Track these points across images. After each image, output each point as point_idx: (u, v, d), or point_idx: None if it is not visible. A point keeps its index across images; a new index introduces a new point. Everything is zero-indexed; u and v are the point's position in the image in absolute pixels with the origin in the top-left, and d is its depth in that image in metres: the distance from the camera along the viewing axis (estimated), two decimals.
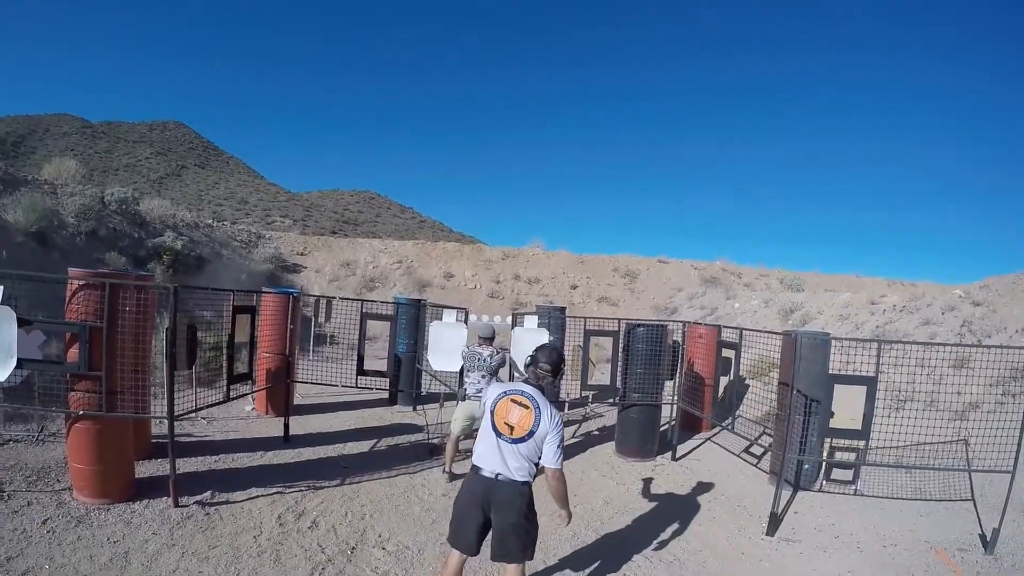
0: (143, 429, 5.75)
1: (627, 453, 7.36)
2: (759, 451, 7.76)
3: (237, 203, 61.70)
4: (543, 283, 20.30)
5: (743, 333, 6.99)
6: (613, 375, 7.54)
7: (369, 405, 9.02)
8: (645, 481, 6.57)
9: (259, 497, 5.17)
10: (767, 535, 5.27)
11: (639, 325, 7.29)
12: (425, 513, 5.22)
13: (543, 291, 19.80)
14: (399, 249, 21.11)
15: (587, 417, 9.44)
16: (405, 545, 4.57)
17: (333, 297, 7.95)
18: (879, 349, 5.51)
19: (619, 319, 7.70)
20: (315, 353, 11.48)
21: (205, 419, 7.32)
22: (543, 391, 3.38)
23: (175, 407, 4.82)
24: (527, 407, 3.24)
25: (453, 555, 3.41)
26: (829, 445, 6.15)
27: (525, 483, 3.26)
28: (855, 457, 6.00)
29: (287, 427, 6.93)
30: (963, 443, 6.74)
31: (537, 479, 3.37)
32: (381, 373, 7.63)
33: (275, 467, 6.05)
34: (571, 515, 3.52)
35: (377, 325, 7.97)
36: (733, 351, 7.01)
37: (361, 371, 7.28)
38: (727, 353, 7.26)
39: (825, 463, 6.32)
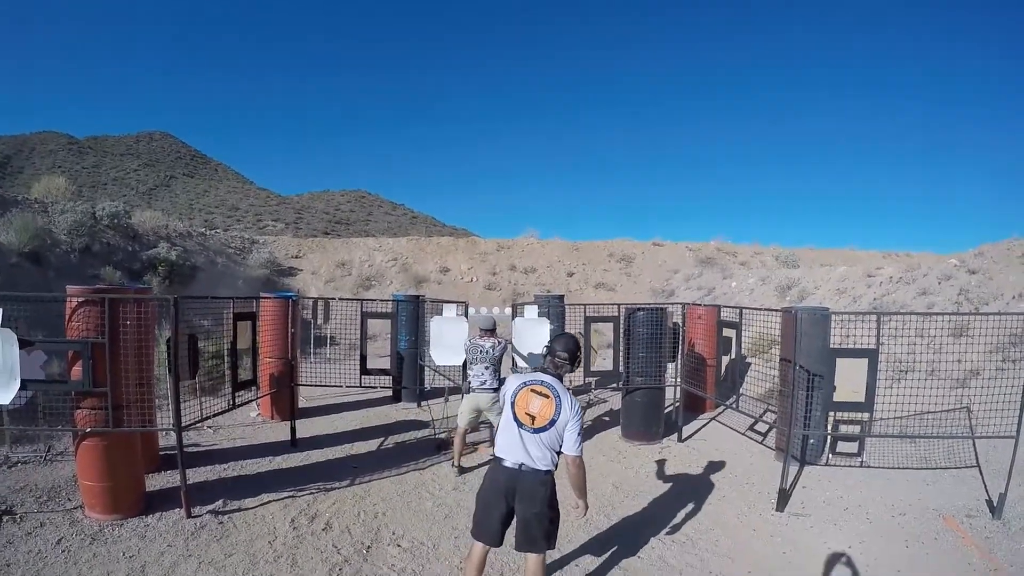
0: (150, 442, 5.76)
1: (633, 437, 7.40)
2: (764, 428, 7.80)
3: (228, 210, 61.50)
4: (539, 272, 20.30)
5: (743, 312, 7.01)
6: (615, 360, 7.57)
7: (373, 404, 9.04)
8: (653, 464, 6.60)
9: (271, 502, 5.19)
10: (777, 511, 5.31)
11: (639, 309, 7.31)
12: (437, 508, 5.24)
13: (539, 280, 19.80)
14: (393, 246, 21.08)
15: (591, 403, 9.49)
16: (420, 541, 4.60)
17: (332, 298, 7.94)
18: (879, 321, 5.54)
19: (618, 304, 7.71)
20: (315, 355, 11.49)
21: (212, 428, 7.33)
22: (562, 380, 3.41)
23: (181, 417, 4.82)
24: (547, 396, 3.27)
25: (476, 547, 3.43)
26: (833, 419, 6.19)
27: (548, 472, 3.28)
28: (859, 429, 6.04)
29: (294, 431, 6.94)
30: (965, 411, 6.79)
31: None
32: (385, 371, 7.66)
33: (285, 471, 6.07)
34: (587, 505, 3.53)
35: (376, 324, 7.99)
36: (733, 330, 7.04)
37: (365, 370, 7.29)
38: (727, 333, 7.30)
39: (830, 437, 6.36)
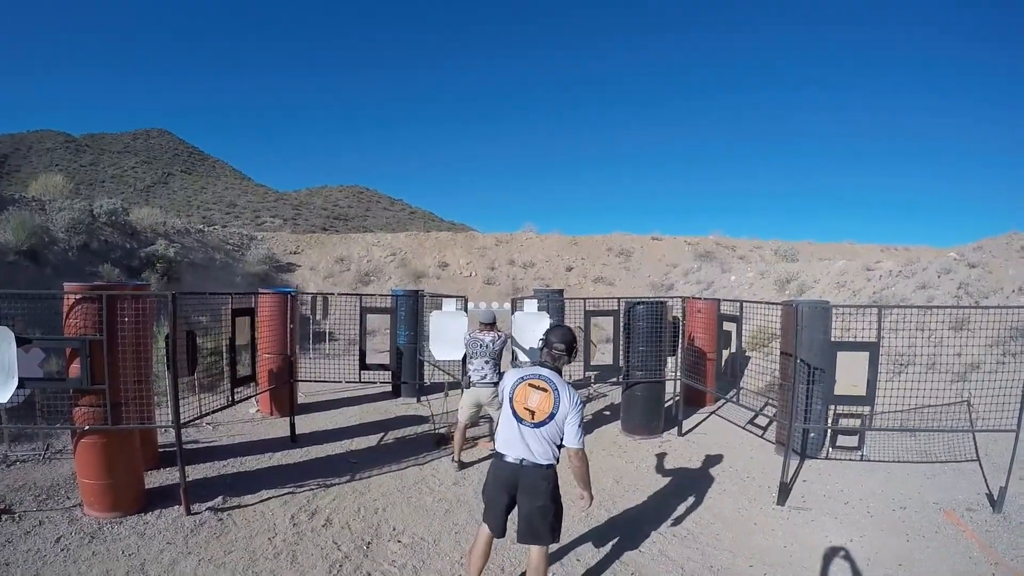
0: (149, 439, 5.75)
1: (633, 431, 7.39)
2: (764, 422, 7.81)
3: (226, 206, 61.42)
4: (538, 267, 20.29)
5: (743, 305, 7.00)
6: (615, 354, 7.56)
7: (373, 399, 9.03)
8: (653, 458, 6.60)
9: (271, 499, 5.18)
10: (778, 504, 5.31)
11: (639, 303, 7.29)
12: (438, 504, 5.23)
13: (538, 275, 19.79)
14: (392, 242, 21.04)
15: (591, 398, 9.48)
16: (420, 537, 4.59)
17: (330, 293, 7.92)
18: (880, 314, 5.52)
19: (617, 298, 7.70)
20: (314, 351, 11.47)
21: (211, 424, 7.31)
22: (560, 372, 3.41)
23: (180, 414, 4.80)
24: (546, 390, 3.26)
25: (484, 528, 3.49)
26: (833, 412, 6.19)
27: (550, 466, 3.29)
28: (860, 423, 6.03)
29: (293, 427, 6.93)
30: (966, 404, 6.79)
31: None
32: (384, 366, 7.63)
33: (284, 467, 6.05)
34: (592, 496, 3.54)
35: (375, 319, 7.96)
36: (733, 324, 7.02)
37: (364, 365, 7.28)
38: (727, 326, 7.28)
39: (830, 430, 6.35)
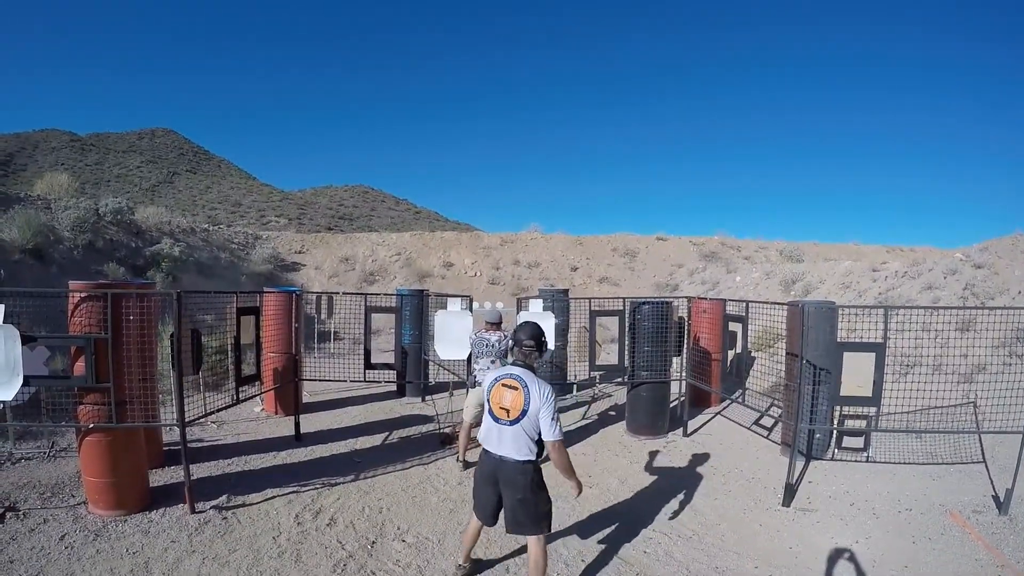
0: (154, 438, 5.75)
1: (638, 431, 7.37)
2: (769, 422, 7.78)
3: (231, 206, 61.54)
4: (543, 266, 20.27)
5: (748, 306, 6.97)
6: (621, 354, 7.54)
7: (377, 399, 9.03)
8: (658, 458, 6.58)
9: (275, 498, 5.18)
10: (783, 506, 5.29)
11: (644, 303, 7.28)
12: (442, 503, 5.23)
13: (543, 274, 19.78)
14: (397, 241, 21.06)
15: (596, 398, 9.47)
16: (425, 536, 4.58)
17: (335, 293, 7.93)
18: (886, 315, 5.49)
19: (622, 298, 7.68)
20: (319, 350, 11.49)
21: (215, 423, 7.33)
22: (533, 369, 3.52)
23: (185, 413, 4.80)
24: (517, 388, 3.38)
25: (474, 520, 3.74)
26: (839, 413, 6.16)
27: (527, 462, 3.40)
28: (866, 424, 6.00)
29: (298, 426, 6.93)
30: (972, 406, 6.75)
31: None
32: (389, 366, 7.64)
33: (289, 466, 6.05)
34: (580, 485, 3.62)
35: (379, 318, 7.97)
36: (739, 324, 6.99)
37: (369, 365, 7.28)
38: (733, 327, 7.26)
39: (836, 431, 6.32)
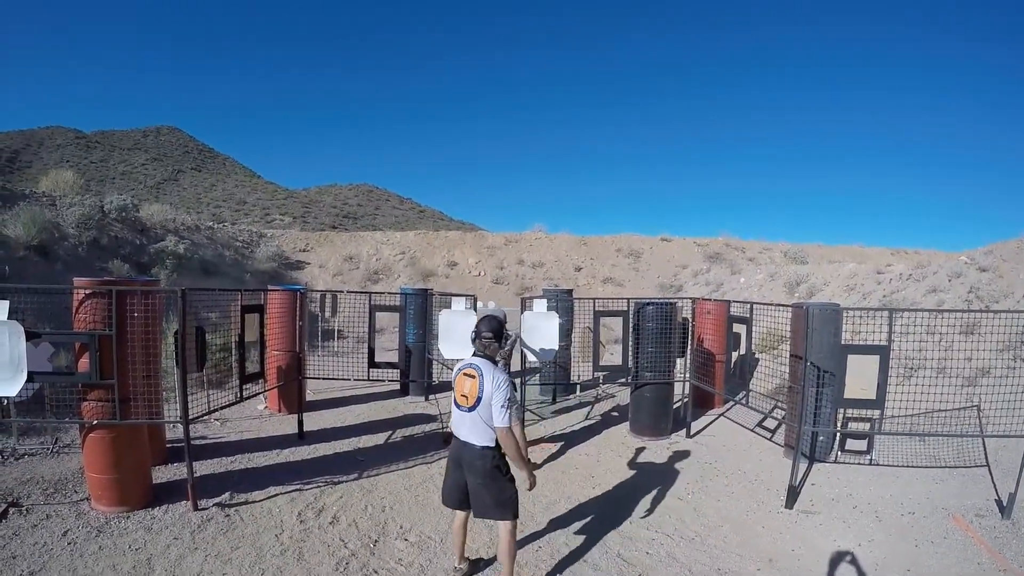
0: (157, 434, 5.76)
1: (642, 432, 7.37)
2: (772, 424, 7.76)
3: (236, 204, 61.66)
4: (547, 266, 20.28)
5: (753, 307, 6.96)
6: (624, 355, 7.53)
7: (381, 397, 9.04)
8: (661, 459, 6.58)
9: (278, 495, 5.19)
10: (786, 508, 5.28)
11: (648, 303, 7.27)
12: None
13: (547, 274, 19.78)
14: (401, 240, 21.09)
15: (599, 398, 9.46)
16: (427, 535, 4.58)
17: (339, 291, 7.93)
18: (890, 318, 5.48)
19: (627, 299, 7.68)
20: (323, 348, 11.50)
21: (219, 421, 7.34)
22: (493, 360, 3.69)
23: (188, 410, 4.81)
24: (474, 377, 3.55)
25: (458, 515, 3.86)
26: (843, 416, 6.15)
27: (486, 447, 3.54)
28: (869, 427, 5.99)
29: (301, 424, 6.94)
30: (975, 409, 6.73)
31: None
32: (393, 364, 7.64)
33: (292, 464, 6.07)
34: (533, 477, 3.77)
35: (383, 317, 7.97)
36: (743, 326, 6.98)
37: (373, 363, 7.29)
38: (737, 328, 7.24)
39: (839, 434, 6.31)
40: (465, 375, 3.60)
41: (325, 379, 7.99)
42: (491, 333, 3.66)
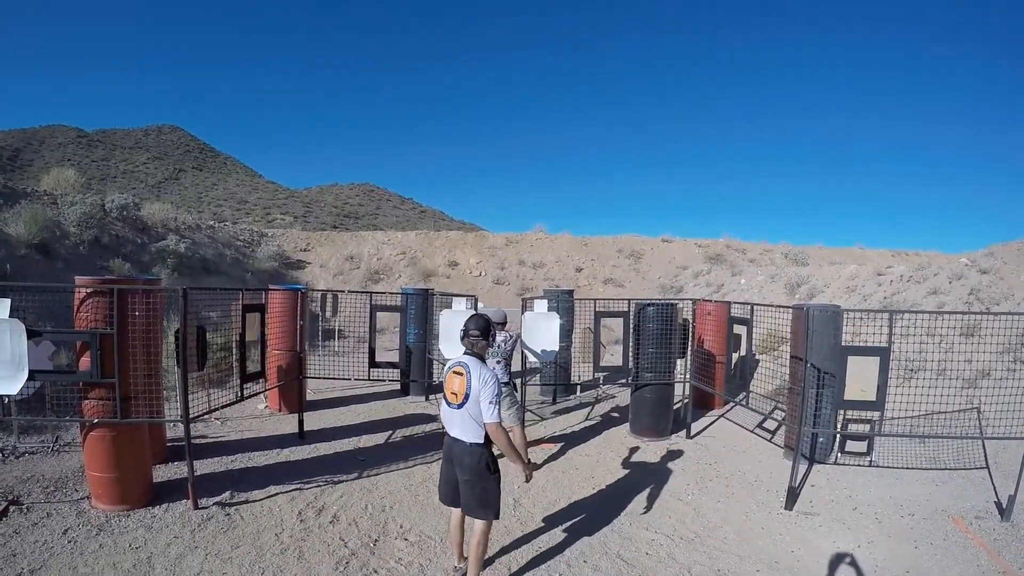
0: (158, 433, 5.77)
1: (642, 433, 7.37)
2: (772, 425, 7.76)
3: (237, 203, 61.73)
4: (547, 267, 20.26)
5: (753, 308, 6.96)
6: (625, 356, 7.54)
7: (381, 397, 9.05)
8: (661, 460, 6.58)
9: (278, 495, 5.19)
10: (786, 509, 5.28)
11: (649, 304, 7.27)
12: None
13: (548, 275, 19.77)
14: (402, 240, 21.08)
15: (600, 399, 9.46)
16: (427, 535, 4.59)
17: (340, 291, 7.94)
18: (891, 319, 5.48)
19: (627, 300, 7.68)
20: (324, 348, 11.50)
21: (219, 420, 7.35)
22: (481, 358, 3.71)
23: (189, 409, 4.82)
24: (462, 374, 3.59)
25: (455, 513, 3.90)
26: (843, 417, 6.15)
27: (474, 444, 3.58)
28: (869, 428, 5.99)
29: (301, 423, 6.94)
30: (975, 411, 6.73)
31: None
32: (393, 364, 7.64)
33: (292, 464, 6.07)
34: (528, 469, 3.81)
35: (384, 317, 7.97)
36: (743, 327, 6.98)
37: (373, 363, 7.29)
38: (737, 329, 7.25)
39: (839, 435, 6.31)
40: (454, 373, 3.65)
41: (326, 379, 7.99)
42: (478, 331, 3.70)
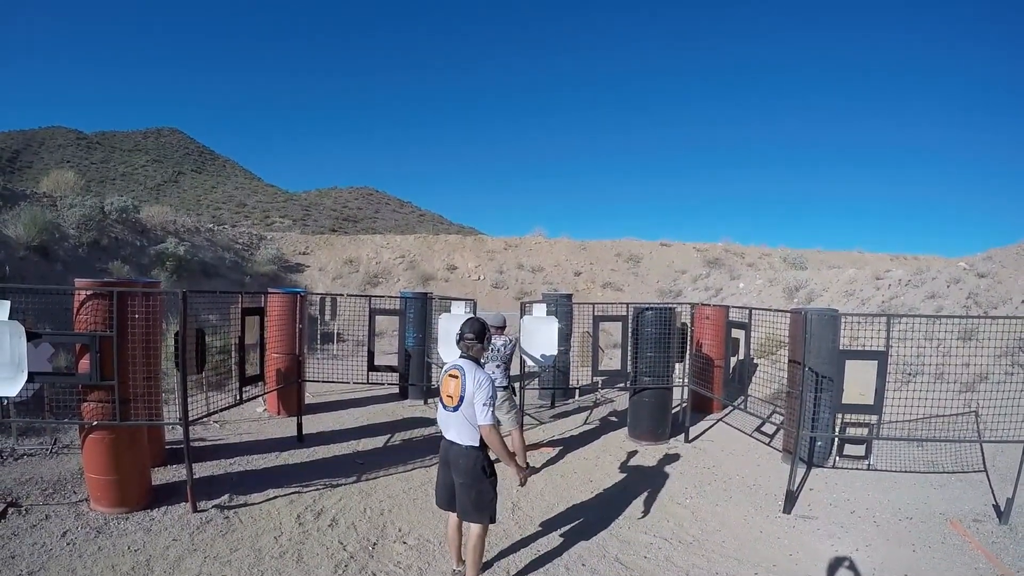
0: (157, 436, 5.77)
1: (640, 437, 7.37)
2: (771, 430, 7.77)
3: (236, 206, 61.75)
4: (546, 271, 20.27)
5: (751, 313, 6.97)
6: (623, 359, 7.55)
7: (380, 401, 9.05)
8: (659, 464, 6.58)
9: (277, 498, 5.19)
10: (784, 513, 5.29)
11: (647, 308, 7.28)
12: None
13: (547, 279, 19.77)
14: (401, 244, 21.08)
15: (598, 403, 9.47)
16: (426, 539, 4.59)
17: (339, 294, 7.94)
18: (888, 323, 5.49)
19: (626, 304, 7.69)
20: (323, 351, 11.51)
21: (218, 423, 7.35)
22: (477, 361, 3.73)
23: (188, 412, 4.82)
24: (457, 377, 3.61)
25: (452, 516, 3.88)
26: (841, 421, 6.16)
27: (470, 447, 3.60)
28: (867, 432, 6.00)
29: (300, 426, 6.95)
30: (973, 415, 6.75)
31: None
32: (392, 368, 7.65)
33: (291, 467, 6.07)
34: (521, 471, 3.82)
35: (383, 321, 7.97)
36: (742, 331, 7.00)
37: (372, 367, 7.30)
38: (736, 333, 7.26)
39: (837, 439, 6.31)
40: (450, 376, 3.67)
41: (324, 382, 8.00)
42: (473, 334, 3.71)
